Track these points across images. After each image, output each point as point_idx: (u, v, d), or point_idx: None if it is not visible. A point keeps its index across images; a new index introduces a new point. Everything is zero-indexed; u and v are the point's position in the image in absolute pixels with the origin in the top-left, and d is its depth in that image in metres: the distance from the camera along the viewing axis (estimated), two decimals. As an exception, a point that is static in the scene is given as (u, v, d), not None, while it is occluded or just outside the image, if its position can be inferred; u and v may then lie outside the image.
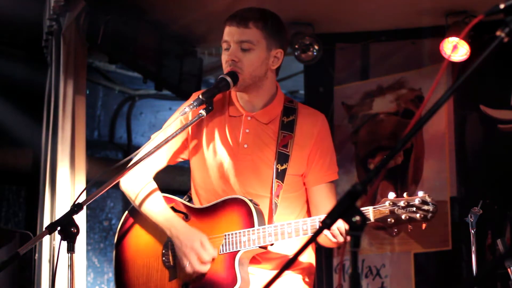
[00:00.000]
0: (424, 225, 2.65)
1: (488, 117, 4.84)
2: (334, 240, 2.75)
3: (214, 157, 2.99)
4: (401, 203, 2.63)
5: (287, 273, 2.95)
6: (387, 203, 2.65)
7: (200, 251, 2.83)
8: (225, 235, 2.86)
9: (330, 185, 2.98)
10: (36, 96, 5.44)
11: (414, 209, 2.62)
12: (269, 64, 2.93)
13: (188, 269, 2.85)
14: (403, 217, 2.64)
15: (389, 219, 2.66)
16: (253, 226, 2.81)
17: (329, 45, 5.36)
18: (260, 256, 2.92)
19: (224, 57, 2.92)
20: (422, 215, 2.62)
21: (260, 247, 2.80)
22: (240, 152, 2.95)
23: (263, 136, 2.95)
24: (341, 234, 2.71)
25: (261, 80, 2.93)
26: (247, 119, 2.97)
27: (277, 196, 2.89)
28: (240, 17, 2.90)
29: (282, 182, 2.89)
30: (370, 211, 2.67)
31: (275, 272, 2.91)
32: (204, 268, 2.83)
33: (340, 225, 2.68)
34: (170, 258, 2.97)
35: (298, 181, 2.97)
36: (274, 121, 2.96)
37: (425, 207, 2.62)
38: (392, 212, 2.65)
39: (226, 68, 2.90)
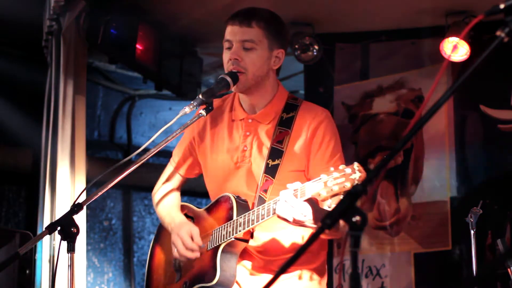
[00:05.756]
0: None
1: (488, 117, 4.84)
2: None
3: (216, 163, 3.04)
4: (334, 174, 2.49)
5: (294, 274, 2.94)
6: (321, 176, 2.53)
7: (185, 237, 2.95)
8: (213, 231, 2.94)
9: None
10: (36, 96, 5.44)
11: (344, 179, 2.47)
12: (270, 64, 2.93)
13: (175, 254, 2.99)
14: (335, 188, 2.47)
15: (323, 193, 2.51)
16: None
17: (329, 45, 5.36)
18: (270, 264, 2.93)
19: (226, 56, 2.92)
20: (350, 183, 2.46)
21: (236, 238, 2.85)
22: (239, 155, 2.96)
23: (262, 136, 2.95)
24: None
25: (263, 80, 2.93)
26: (248, 122, 2.98)
27: (265, 191, 2.86)
28: (243, 16, 2.90)
29: (273, 178, 2.85)
30: (305, 188, 2.57)
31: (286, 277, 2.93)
32: (189, 254, 2.93)
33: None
34: (178, 261, 3.07)
35: (301, 178, 2.88)
36: (274, 120, 2.96)
37: (352, 176, 2.46)
38: (325, 185, 2.51)
39: (228, 67, 2.90)
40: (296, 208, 2.60)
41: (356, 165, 2.47)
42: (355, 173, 2.45)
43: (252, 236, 2.89)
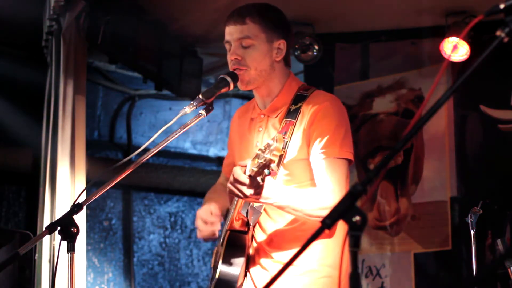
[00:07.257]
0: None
1: (488, 117, 4.84)
2: None
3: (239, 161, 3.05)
4: (262, 148, 2.50)
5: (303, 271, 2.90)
6: (256, 152, 2.55)
7: (202, 212, 2.98)
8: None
9: (330, 161, 2.82)
10: (36, 96, 5.45)
11: (267, 150, 2.46)
12: (273, 57, 2.91)
13: (198, 235, 3.02)
14: (261, 161, 2.48)
15: (254, 168, 2.53)
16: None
17: (329, 45, 5.35)
18: (271, 251, 2.92)
19: (228, 57, 2.93)
20: (270, 154, 2.46)
21: (231, 230, 2.86)
22: (254, 152, 2.96)
23: (271, 130, 2.95)
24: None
25: (269, 74, 2.92)
26: (260, 117, 2.99)
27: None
28: (236, 15, 2.90)
29: (277, 169, 2.78)
30: (247, 165, 2.58)
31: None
32: (209, 228, 2.95)
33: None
34: (213, 259, 3.08)
35: (306, 167, 2.86)
36: (282, 112, 2.94)
37: (272, 146, 2.44)
38: (258, 159, 2.52)
39: (231, 67, 2.91)
40: (243, 184, 2.60)
41: (276, 135, 2.43)
42: (273, 143, 2.41)
43: (248, 227, 2.88)
